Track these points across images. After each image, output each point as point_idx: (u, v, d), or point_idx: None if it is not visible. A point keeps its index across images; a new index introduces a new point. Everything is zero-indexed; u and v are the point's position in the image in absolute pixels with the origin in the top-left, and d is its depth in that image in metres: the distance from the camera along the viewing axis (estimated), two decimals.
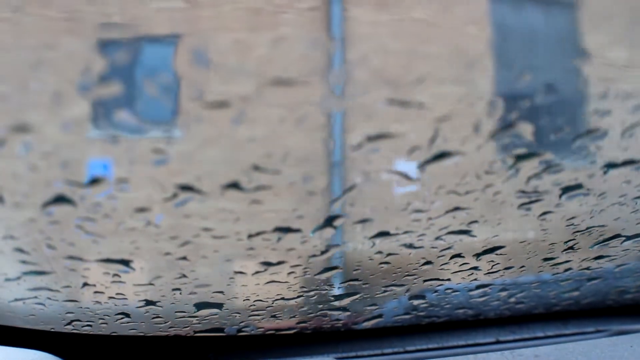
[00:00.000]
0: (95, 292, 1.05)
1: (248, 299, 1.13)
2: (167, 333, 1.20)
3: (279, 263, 1.03)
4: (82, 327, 1.15)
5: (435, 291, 1.22)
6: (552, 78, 0.93)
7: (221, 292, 1.10)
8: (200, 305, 1.11)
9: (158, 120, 0.88)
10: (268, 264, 1.03)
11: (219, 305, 1.12)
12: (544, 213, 1.02)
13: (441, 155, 0.88)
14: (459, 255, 1.10)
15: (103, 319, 1.14)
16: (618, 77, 0.94)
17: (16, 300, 1.06)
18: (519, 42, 0.96)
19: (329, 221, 0.96)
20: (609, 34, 0.97)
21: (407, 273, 1.13)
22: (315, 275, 1.09)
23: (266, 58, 0.85)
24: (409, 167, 0.90)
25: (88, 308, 1.10)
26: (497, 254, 1.11)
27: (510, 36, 0.95)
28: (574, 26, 0.97)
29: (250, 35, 0.86)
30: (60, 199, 0.85)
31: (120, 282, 1.02)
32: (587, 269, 1.23)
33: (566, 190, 0.98)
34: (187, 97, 0.85)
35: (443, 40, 0.89)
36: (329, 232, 0.97)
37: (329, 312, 1.23)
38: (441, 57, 0.89)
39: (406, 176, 0.91)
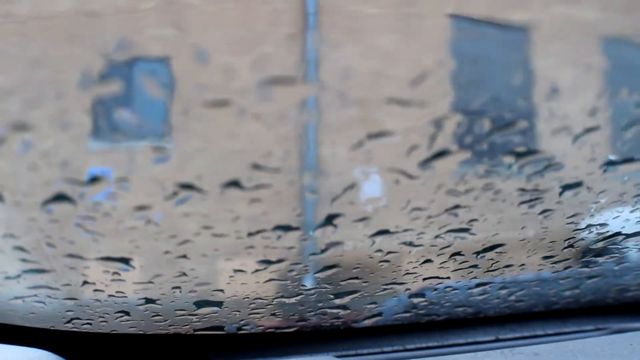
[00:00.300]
0: (95, 290, 1.05)
1: (248, 297, 1.13)
2: (167, 331, 1.20)
3: (279, 261, 1.03)
4: (82, 325, 1.15)
5: (435, 289, 1.22)
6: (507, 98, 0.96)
7: (221, 290, 1.10)
8: (200, 304, 1.11)
9: (157, 122, 0.89)
10: (268, 262, 1.03)
11: (218, 304, 1.12)
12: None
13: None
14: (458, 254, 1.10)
15: (103, 317, 1.14)
16: None
17: (16, 298, 1.06)
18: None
19: (329, 220, 0.96)
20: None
21: (406, 271, 1.13)
22: (315, 273, 1.09)
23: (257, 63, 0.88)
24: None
25: (88, 306, 1.10)
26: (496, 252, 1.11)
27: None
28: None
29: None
30: (60, 198, 0.85)
31: (120, 280, 1.02)
32: (587, 266, 1.23)
33: None
34: (182, 103, 0.88)
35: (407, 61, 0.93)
36: (328, 230, 0.97)
37: (329, 311, 1.23)
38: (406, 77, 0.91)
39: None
